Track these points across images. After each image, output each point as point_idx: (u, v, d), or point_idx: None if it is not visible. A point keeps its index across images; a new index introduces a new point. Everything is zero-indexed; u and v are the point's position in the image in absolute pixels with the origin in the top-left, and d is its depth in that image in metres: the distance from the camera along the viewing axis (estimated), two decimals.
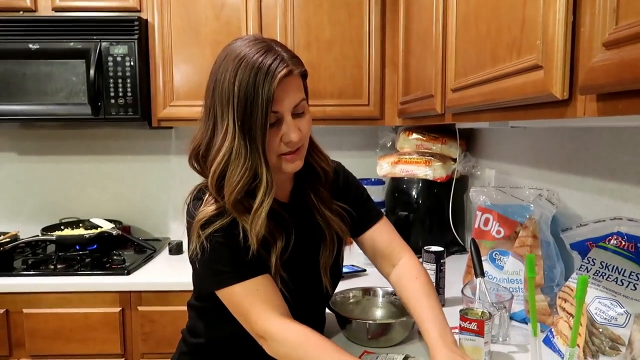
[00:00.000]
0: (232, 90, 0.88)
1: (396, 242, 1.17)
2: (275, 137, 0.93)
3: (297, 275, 1.00)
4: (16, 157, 2.33)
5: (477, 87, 1.04)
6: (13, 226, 2.22)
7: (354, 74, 2.00)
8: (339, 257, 1.10)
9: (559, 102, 0.72)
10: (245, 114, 0.88)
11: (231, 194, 0.90)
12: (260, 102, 0.87)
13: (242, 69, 0.88)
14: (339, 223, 1.06)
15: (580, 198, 1.25)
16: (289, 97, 0.92)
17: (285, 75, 0.89)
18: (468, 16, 1.11)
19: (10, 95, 1.91)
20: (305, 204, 1.06)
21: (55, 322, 1.75)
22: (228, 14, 1.96)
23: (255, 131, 0.88)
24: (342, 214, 1.07)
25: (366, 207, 1.17)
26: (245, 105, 0.87)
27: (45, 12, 1.96)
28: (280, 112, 0.92)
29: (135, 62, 1.90)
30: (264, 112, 0.87)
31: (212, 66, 0.95)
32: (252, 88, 0.87)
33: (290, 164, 0.97)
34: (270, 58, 0.89)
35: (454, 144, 1.96)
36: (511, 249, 1.29)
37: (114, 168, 2.33)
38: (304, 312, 0.99)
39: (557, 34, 0.69)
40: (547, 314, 1.17)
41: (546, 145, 1.41)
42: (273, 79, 0.87)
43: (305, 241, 1.03)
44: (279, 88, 0.88)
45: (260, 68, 0.87)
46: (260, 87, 0.87)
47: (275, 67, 0.88)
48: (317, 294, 1.07)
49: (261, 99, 0.87)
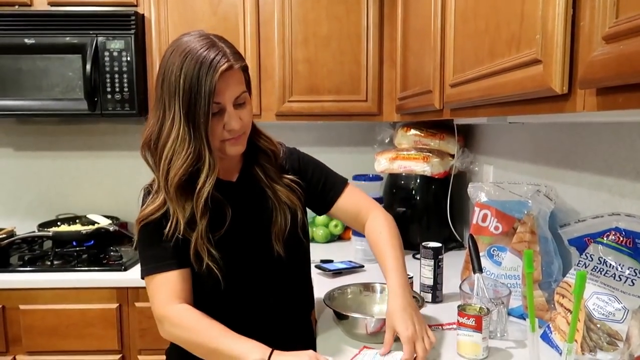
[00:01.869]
0: (178, 82, 0.96)
1: (362, 203, 1.26)
2: (218, 125, 1.01)
3: (243, 244, 1.10)
4: (12, 152, 2.32)
5: (475, 83, 1.04)
6: (9, 222, 2.22)
7: (351, 70, 2.00)
8: (296, 226, 1.16)
9: (558, 97, 0.72)
10: (189, 104, 0.96)
11: (175, 176, 0.99)
12: (203, 94, 0.95)
13: (187, 63, 0.96)
14: (288, 194, 1.14)
15: (578, 194, 1.25)
16: (230, 90, 1.00)
17: (226, 69, 0.97)
18: (467, 12, 1.11)
19: (5, 91, 1.90)
20: (255, 182, 1.14)
21: (52, 319, 1.75)
22: (225, 10, 1.95)
23: (198, 119, 0.97)
24: (292, 186, 1.16)
25: (329, 182, 1.25)
26: (190, 96, 0.96)
27: (41, 7, 1.95)
28: (222, 103, 1.00)
29: (131, 57, 1.89)
30: (207, 103, 0.96)
31: (161, 59, 1.03)
32: (195, 80, 0.95)
33: (232, 147, 1.06)
34: (213, 53, 0.97)
35: (452, 140, 1.96)
36: (509, 245, 1.29)
37: (111, 164, 2.33)
38: (259, 275, 1.11)
39: (556, 28, 0.69)
40: (544, 310, 1.17)
41: (544, 140, 1.41)
42: (215, 73, 0.95)
43: (252, 214, 1.12)
44: (221, 81, 0.97)
45: (204, 62, 0.95)
46: (203, 79, 0.95)
47: (217, 61, 0.96)
48: (268, 259, 1.13)
49: (204, 90, 0.95)
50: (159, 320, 1.05)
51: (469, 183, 1.52)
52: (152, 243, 1.06)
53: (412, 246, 1.91)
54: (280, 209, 1.13)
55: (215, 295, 1.08)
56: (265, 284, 1.13)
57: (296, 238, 1.17)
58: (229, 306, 1.10)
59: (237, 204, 1.10)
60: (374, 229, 1.21)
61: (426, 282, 1.39)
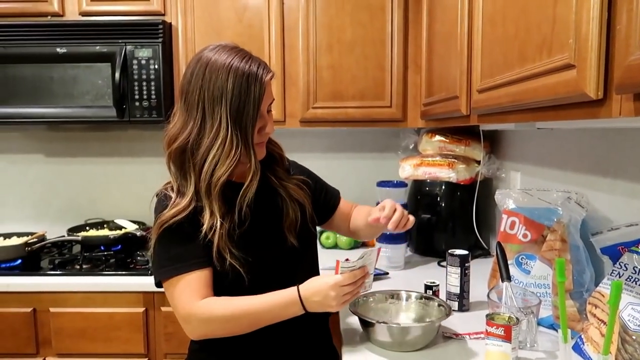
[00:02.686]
0: (225, 90, 1.04)
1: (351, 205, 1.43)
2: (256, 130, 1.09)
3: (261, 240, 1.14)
4: (43, 158, 2.38)
5: (504, 88, 1.02)
6: (40, 226, 2.27)
7: (376, 76, 1.99)
8: (306, 219, 1.22)
9: (592, 102, 0.70)
10: (238, 110, 1.04)
11: (221, 177, 1.05)
12: (252, 100, 1.05)
13: (234, 72, 1.04)
14: (299, 191, 1.22)
15: (611, 201, 1.22)
16: (268, 97, 1.10)
17: (270, 79, 1.09)
18: (495, 16, 1.09)
19: (38, 99, 1.95)
20: (266, 183, 1.20)
21: (81, 322, 1.78)
22: (250, 17, 1.97)
23: (247, 124, 1.06)
24: (301, 185, 1.24)
25: (329, 191, 1.38)
26: (239, 102, 1.04)
27: (73, 17, 2.00)
28: (262, 110, 1.09)
29: (159, 65, 1.92)
30: (255, 108, 1.06)
31: (188, 73, 1.09)
32: (245, 88, 1.04)
33: (262, 151, 1.15)
34: (255, 63, 1.07)
35: (477, 145, 1.93)
36: (538, 253, 1.26)
37: (138, 169, 2.37)
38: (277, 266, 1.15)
39: (591, 32, 0.67)
40: (576, 320, 1.14)
41: (574, 146, 1.38)
42: (263, 80, 1.07)
43: (266, 211, 1.17)
44: (266, 88, 1.08)
45: (251, 72, 1.06)
46: (253, 86, 1.05)
47: (262, 71, 1.07)
48: (283, 250, 1.17)
49: (253, 97, 1.05)
50: (186, 320, 1.07)
51: (495, 190, 1.50)
52: (175, 245, 1.08)
53: (437, 253, 1.90)
54: (291, 203, 1.19)
55: (238, 292, 1.09)
56: (283, 274, 1.15)
57: (307, 230, 1.22)
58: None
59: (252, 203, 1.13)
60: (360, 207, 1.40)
61: (452, 290, 1.38)
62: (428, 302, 1.27)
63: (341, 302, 1.04)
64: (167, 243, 1.08)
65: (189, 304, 1.06)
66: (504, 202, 1.41)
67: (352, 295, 1.06)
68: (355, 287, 1.06)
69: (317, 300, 1.04)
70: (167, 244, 1.08)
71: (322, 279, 1.06)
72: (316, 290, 1.04)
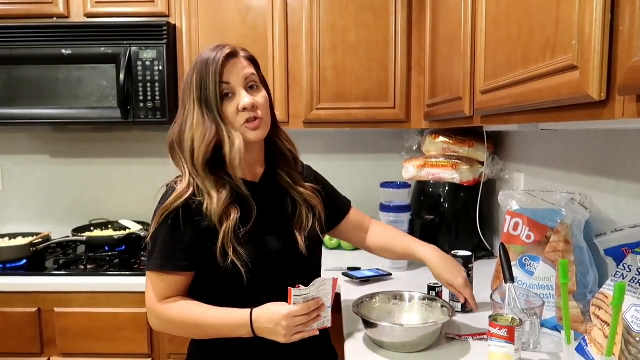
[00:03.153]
0: (191, 78, 1.10)
1: (365, 217, 1.45)
2: (233, 108, 1.10)
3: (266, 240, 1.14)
4: (48, 159, 2.39)
5: (508, 89, 1.02)
6: (45, 227, 2.28)
7: (379, 77, 1.99)
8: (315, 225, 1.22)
9: (595, 103, 0.70)
10: (201, 89, 1.08)
11: (199, 154, 1.07)
12: (211, 76, 1.07)
13: (197, 63, 1.10)
14: (314, 197, 1.23)
15: (615, 202, 1.21)
16: (237, 71, 1.10)
17: (230, 55, 1.09)
18: (498, 17, 1.10)
19: (43, 100, 1.96)
20: (277, 183, 1.21)
21: (85, 321, 1.79)
22: (254, 18, 1.98)
23: (210, 101, 1.08)
24: (315, 192, 1.24)
25: (340, 199, 1.41)
26: (200, 84, 1.08)
27: (78, 19, 2.01)
28: (231, 84, 1.10)
29: (163, 66, 1.93)
30: (215, 83, 1.07)
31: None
32: (204, 68, 1.08)
33: (252, 132, 1.12)
34: (217, 50, 1.10)
35: (481, 147, 1.93)
36: (542, 254, 1.26)
37: (142, 170, 2.38)
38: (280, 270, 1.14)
39: (594, 33, 0.67)
40: (580, 322, 1.14)
41: (578, 147, 1.38)
42: (220, 57, 1.08)
43: (275, 212, 1.18)
44: (228, 64, 1.09)
45: (209, 56, 1.09)
46: (211, 66, 1.08)
47: (221, 49, 1.09)
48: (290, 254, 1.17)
49: (211, 72, 1.07)
50: (148, 313, 1.14)
51: (499, 191, 1.50)
52: (166, 241, 1.09)
53: None
54: (305, 207, 1.20)
55: (238, 290, 1.10)
56: (285, 277, 1.13)
57: (316, 235, 1.21)
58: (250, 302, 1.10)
59: (260, 202, 1.14)
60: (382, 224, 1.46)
61: None
62: (431, 303, 1.27)
63: (291, 333, 1.03)
64: (160, 236, 1.10)
65: (154, 300, 1.11)
66: (508, 203, 1.41)
67: (305, 326, 1.04)
68: (308, 318, 1.04)
69: (268, 327, 1.03)
70: (160, 237, 1.10)
71: (276, 307, 1.04)
72: (268, 318, 1.03)
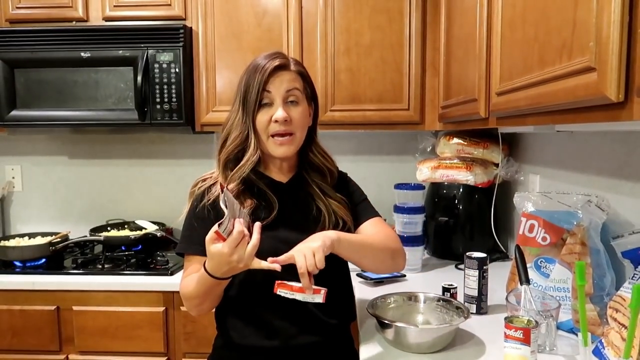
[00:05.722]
0: (241, 80, 1.16)
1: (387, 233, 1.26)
2: (266, 117, 1.13)
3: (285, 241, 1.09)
4: (67, 160, 2.43)
5: (523, 91, 1.02)
6: (64, 227, 2.32)
7: (394, 79, 2.00)
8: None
9: (613, 105, 0.70)
10: (245, 93, 1.13)
11: (226, 151, 1.15)
12: (256, 83, 1.11)
13: (251, 66, 1.15)
14: (343, 210, 1.22)
15: (633, 204, 1.20)
16: (281, 83, 1.13)
17: (279, 66, 1.13)
18: (514, 19, 1.09)
19: (62, 102, 2.00)
20: (304, 190, 1.22)
21: (103, 320, 1.82)
22: (269, 21, 2.00)
23: (249, 105, 1.12)
24: (345, 204, 1.24)
25: (364, 207, 1.31)
26: (247, 87, 1.13)
27: (96, 22, 2.05)
28: (272, 94, 1.13)
29: (180, 68, 1.96)
30: (258, 90, 1.11)
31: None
32: (252, 74, 1.13)
33: (278, 147, 1.15)
34: (268, 58, 1.14)
35: (496, 148, 1.92)
36: (558, 256, 1.25)
37: (159, 171, 2.41)
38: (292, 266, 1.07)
39: (611, 35, 0.67)
40: (596, 324, 1.13)
41: (594, 149, 1.37)
42: (269, 67, 1.12)
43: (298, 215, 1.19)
44: (274, 74, 1.13)
45: (259, 64, 1.14)
46: (259, 72, 1.12)
47: (267, 61, 1.13)
48: None
49: (257, 80, 1.11)
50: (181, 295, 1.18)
51: (514, 193, 1.49)
52: (190, 227, 1.17)
53: (455, 256, 1.89)
54: (329, 221, 1.18)
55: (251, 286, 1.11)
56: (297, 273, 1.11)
57: None
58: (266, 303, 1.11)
59: (283, 201, 1.16)
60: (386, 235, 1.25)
61: (470, 293, 1.37)
62: (446, 305, 1.27)
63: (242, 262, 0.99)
64: (186, 221, 1.19)
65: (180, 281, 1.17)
66: (523, 204, 1.40)
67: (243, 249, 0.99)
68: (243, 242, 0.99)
69: (223, 270, 1.01)
70: (185, 221, 1.19)
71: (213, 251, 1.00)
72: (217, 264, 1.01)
